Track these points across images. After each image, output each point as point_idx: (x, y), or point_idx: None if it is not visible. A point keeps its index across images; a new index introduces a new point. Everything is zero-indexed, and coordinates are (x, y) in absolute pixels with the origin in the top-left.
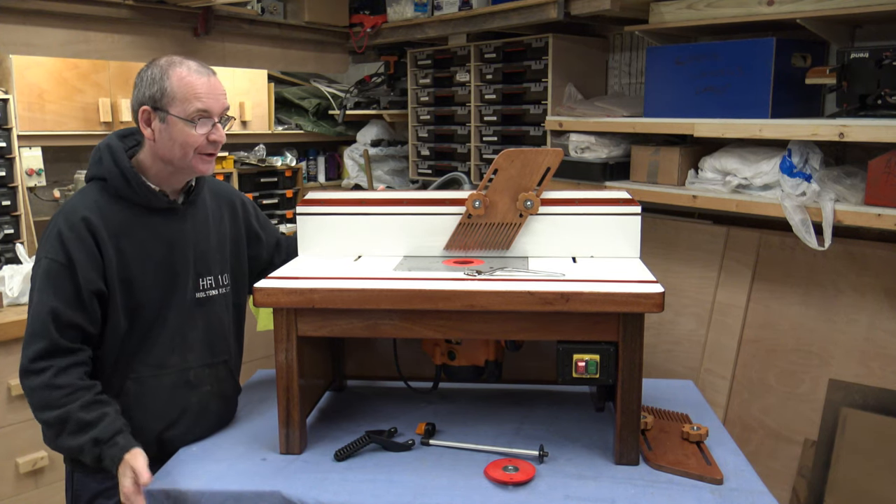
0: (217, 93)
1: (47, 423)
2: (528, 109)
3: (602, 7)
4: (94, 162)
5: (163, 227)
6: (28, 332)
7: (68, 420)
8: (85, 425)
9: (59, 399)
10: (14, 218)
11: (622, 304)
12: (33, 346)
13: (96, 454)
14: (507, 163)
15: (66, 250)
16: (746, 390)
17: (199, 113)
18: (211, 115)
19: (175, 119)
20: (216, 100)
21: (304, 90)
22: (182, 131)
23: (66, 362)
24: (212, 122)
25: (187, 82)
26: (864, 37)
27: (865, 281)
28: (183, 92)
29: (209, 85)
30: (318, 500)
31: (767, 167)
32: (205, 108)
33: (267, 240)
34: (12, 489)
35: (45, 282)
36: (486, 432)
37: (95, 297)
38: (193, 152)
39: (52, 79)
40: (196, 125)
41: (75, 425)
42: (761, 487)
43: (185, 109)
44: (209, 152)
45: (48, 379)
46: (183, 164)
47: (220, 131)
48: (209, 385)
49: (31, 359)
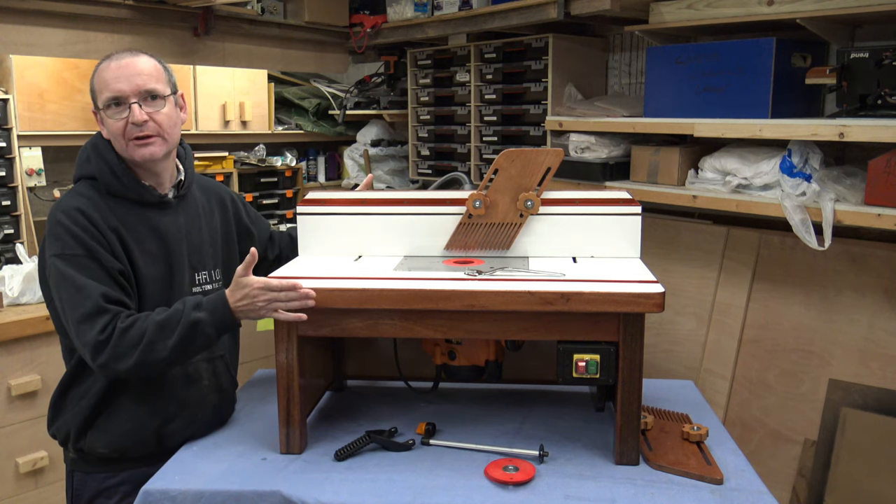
0: (129, 73)
1: (148, 347)
2: (528, 109)
3: (602, 7)
4: (81, 161)
5: (157, 221)
6: (77, 320)
7: (158, 326)
8: (173, 314)
9: (140, 326)
10: (14, 218)
11: (622, 304)
12: (95, 325)
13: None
14: (508, 163)
15: (80, 242)
16: (746, 390)
17: (110, 100)
18: (123, 99)
19: (99, 113)
20: (127, 81)
21: (304, 90)
22: (105, 122)
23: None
24: (125, 106)
25: (98, 72)
26: (864, 37)
27: (865, 281)
28: (97, 85)
29: (118, 68)
30: (319, 499)
31: (767, 167)
32: (113, 93)
33: (259, 234)
34: (12, 489)
35: (78, 273)
36: (487, 432)
37: (123, 276)
38: (125, 141)
39: (52, 79)
40: (109, 113)
41: (168, 322)
42: (761, 487)
43: (101, 100)
44: (138, 135)
45: (118, 330)
46: (126, 154)
47: (135, 112)
48: (207, 380)
49: (98, 332)
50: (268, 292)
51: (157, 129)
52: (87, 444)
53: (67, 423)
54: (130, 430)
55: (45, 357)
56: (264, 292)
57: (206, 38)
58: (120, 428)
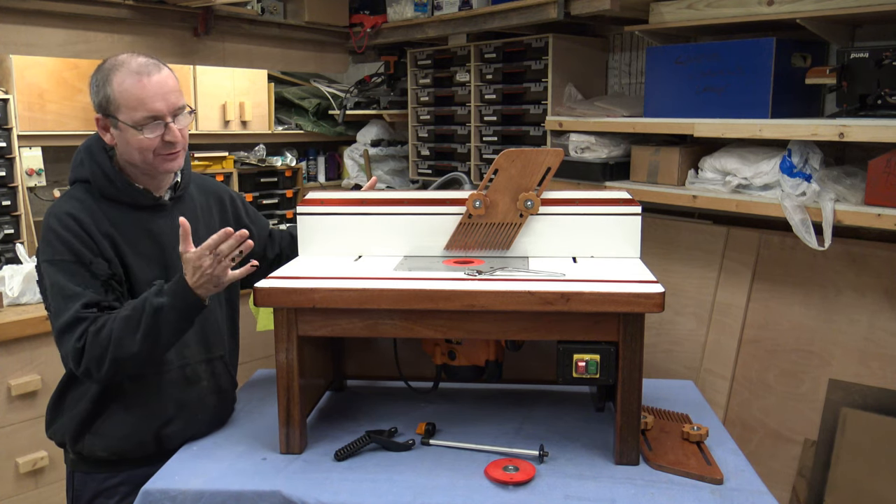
0: (164, 91)
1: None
2: (528, 109)
3: (602, 7)
4: (75, 164)
5: (152, 224)
6: (59, 328)
7: (124, 321)
8: (138, 305)
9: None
10: (14, 218)
11: (622, 304)
12: (74, 332)
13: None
14: (508, 163)
15: (70, 247)
16: (746, 390)
17: (146, 118)
18: (160, 117)
19: (125, 126)
20: (163, 100)
21: (304, 90)
22: (134, 137)
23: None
24: (162, 123)
25: (127, 87)
26: (864, 37)
27: (865, 281)
28: (126, 99)
29: (153, 86)
30: (319, 499)
31: (767, 167)
32: (150, 113)
33: (258, 233)
34: (12, 489)
35: (66, 279)
36: (487, 432)
37: (114, 280)
38: (152, 155)
39: (53, 79)
40: (143, 130)
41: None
42: (761, 487)
43: (132, 117)
44: (169, 152)
45: (90, 334)
46: (146, 166)
47: (174, 131)
48: (206, 381)
49: (76, 339)
50: (207, 253)
51: (183, 142)
52: (86, 447)
53: (64, 426)
54: (128, 434)
55: (45, 357)
56: (205, 256)
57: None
58: (118, 432)
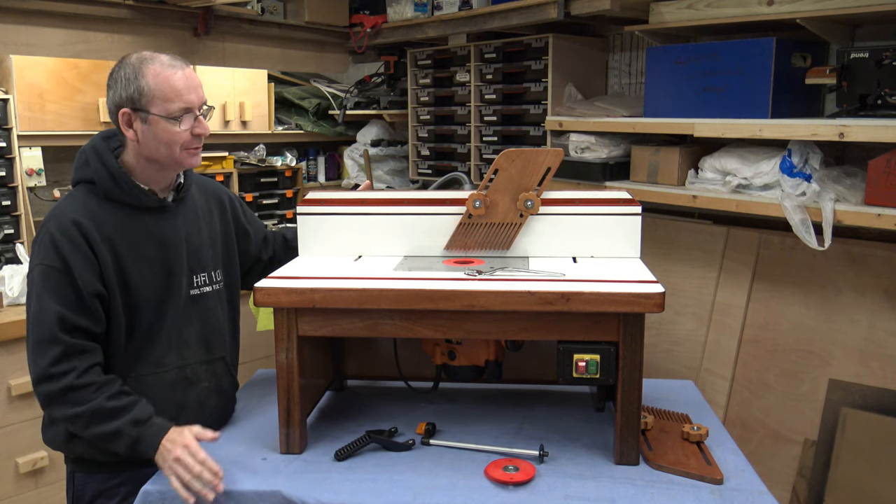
0: (195, 85)
1: (76, 416)
2: (528, 109)
3: (602, 7)
4: (80, 165)
5: (154, 226)
6: (34, 340)
7: (99, 410)
8: (119, 410)
9: (87, 396)
10: (14, 218)
11: (622, 304)
12: (48, 353)
13: (133, 436)
14: (508, 163)
15: (61, 255)
16: (746, 390)
17: (182, 110)
18: (193, 109)
19: (157, 118)
20: (195, 92)
21: (304, 90)
22: (166, 130)
23: (86, 364)
24: (194, 115)
25: (164, 79)
26: (864, 37)
27: (865, 281)
28: (162, 90)
29: (186, 78)
30: (319, 499)
31: (767, 167)
32: (186, 104)
33: (255, 235)
34: (12, 489)
35: (44, 288)
36: (487, 432)
37: (97, 299)
38: (179, 149)
39: (52, 79)
40: (180, 122)
41: (108, 413)
42: (761, 487)
43: (167, 108)
44: (195, 146)
45: (72, 381)
46: (170, 161)
47: (204, 124)
48: (207, 381)
49: (50, 364)
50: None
51: (205, 138)
52: (86, 451)
53: (60, 432)
54: None
55: None
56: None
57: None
58: None
